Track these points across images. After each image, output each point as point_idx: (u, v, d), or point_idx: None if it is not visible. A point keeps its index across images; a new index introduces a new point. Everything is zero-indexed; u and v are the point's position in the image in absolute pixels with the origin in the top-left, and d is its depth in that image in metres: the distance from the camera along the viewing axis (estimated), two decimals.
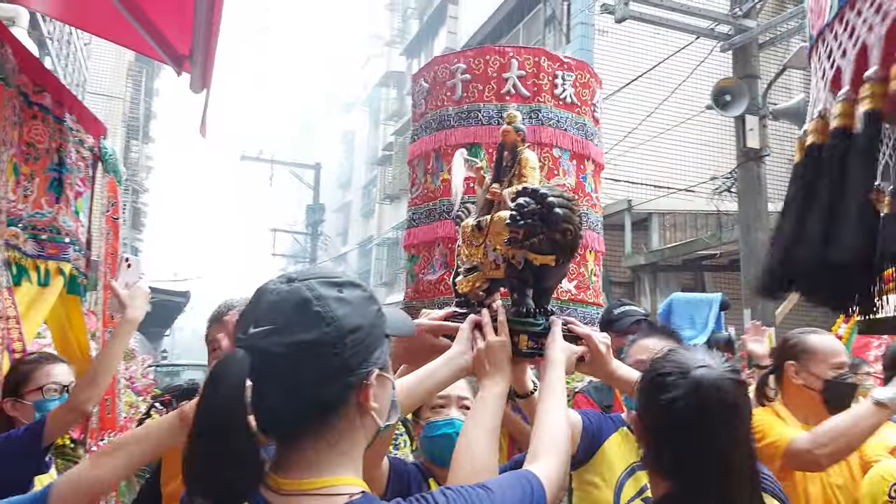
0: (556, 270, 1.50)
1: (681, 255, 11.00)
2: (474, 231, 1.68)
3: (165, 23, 2.81)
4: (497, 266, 1.60)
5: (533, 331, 1.52)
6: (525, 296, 1.55)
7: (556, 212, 1.40)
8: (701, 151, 12.60)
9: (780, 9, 12.09)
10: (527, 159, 1.66)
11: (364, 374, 1.08)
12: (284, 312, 1.06)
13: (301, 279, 1.11)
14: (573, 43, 13.06)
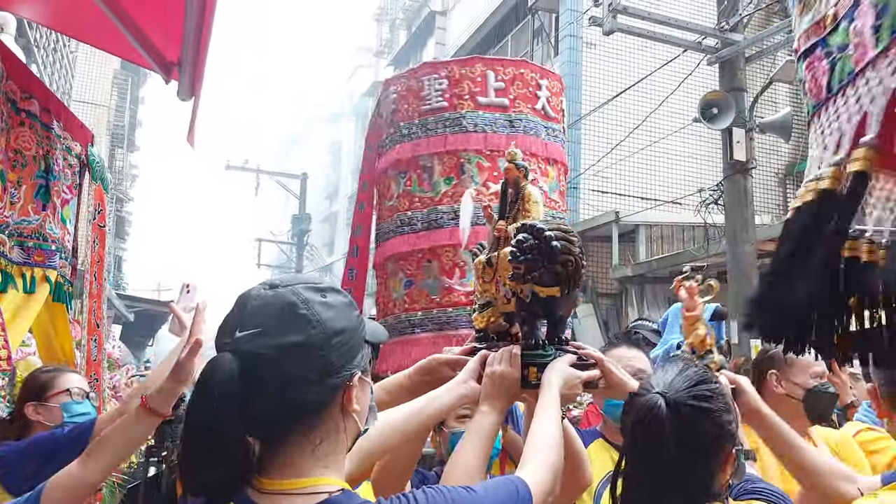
0: (563, 301, 1.54)
1: (668, 266, 11.04)
2: (486, 267, 1.73)
3: (154, 30, 2.79)
4: (508, 300, 1.64)
5: (542, 362, 1.55)
6: (535, 328, 1.58)
7: (553, 245, 1.45)
8: (688, 163, 12.70)
9: (766, 23, 12.24)
10: (529, 194, 1.70)
11: (348, 376, 1.12)
12: (271, 316, 1.09)
13: (284, 285, 1.14)
14: (561, 55, 13.14)
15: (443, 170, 3.51)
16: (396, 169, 3.68)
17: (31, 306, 2.79)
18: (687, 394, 1.43)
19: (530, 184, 1.75)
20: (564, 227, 1.53)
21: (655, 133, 11.63)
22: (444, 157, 3.50)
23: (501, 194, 1.79)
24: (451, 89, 3.54)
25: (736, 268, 8.52)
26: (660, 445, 1.39)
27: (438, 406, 1.53)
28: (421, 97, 3.58)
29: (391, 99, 3.73)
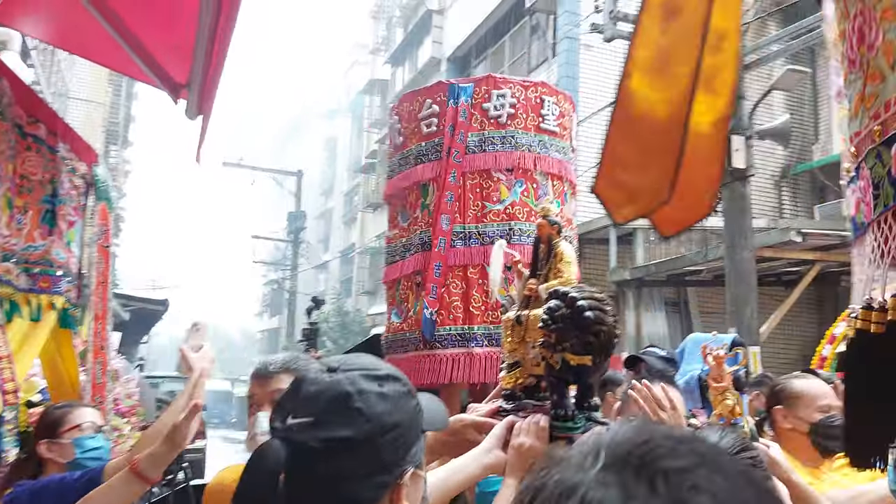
0: (594, 368, 1.49)
1: (665, 270, 11.06)
2: (515, 326, 1.69)
3: (162, 52, 2.77)
4: (538, 364, 1.60)
5: (570, 436, 1.50)
6: (564, 397, 1.54)
7: (586, 315, 1.40)
8: None
9: (763, 31, 12.25)
10: (562, 252, 1.66)
11: (399, 472, 1.06)
12: (324, 405, 1.05)
13: (343, 369, 1.10)
14: (559, 57, 13.13)
15: None
16: None
17: (38, 334, 2.77)
18: None
19: (563, 241, 1.71)
20: (597, 294, 1.48)
21: None
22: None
23: (534, 251, 1.75)
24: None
25: (734, 274, 8.54)
26: None
27: (463, 478, 1.49)
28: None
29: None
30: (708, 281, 11.17)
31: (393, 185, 3.64)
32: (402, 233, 3.57)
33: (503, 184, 3.32)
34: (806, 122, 13.35)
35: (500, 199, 3.31)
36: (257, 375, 2.12)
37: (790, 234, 9.07)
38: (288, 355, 2.12)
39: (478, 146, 3.37)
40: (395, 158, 3.65)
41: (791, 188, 13.50)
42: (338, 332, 22.91)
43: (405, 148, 3.57)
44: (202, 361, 2.39)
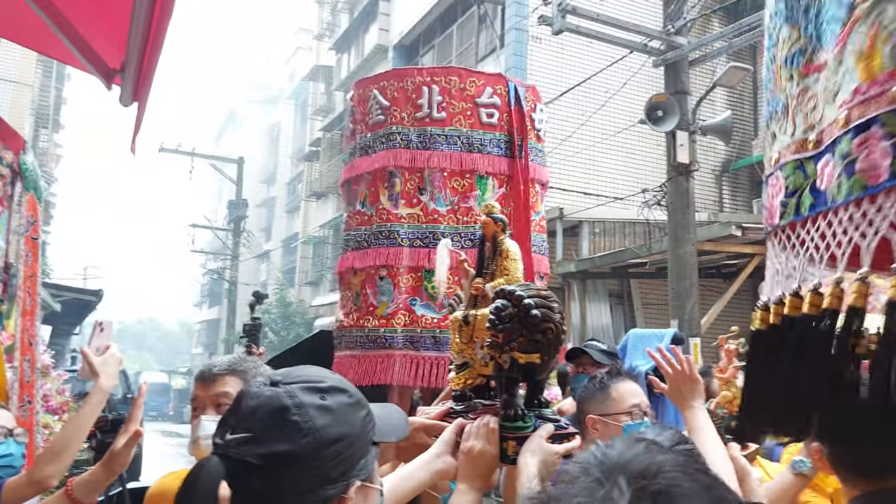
0: (543, 365, 1.48)
1: (609, 263, 11.21)
2: (462, 326, 1.67)
3: (95, 37, 2.61)
4: (486, 364, 1.58)
5: (521, 436, 1.48)
6: (514, 396, 1.52)
7: (533, 314, 1.39)
8: (632, 163, 12.89)
9: (707, 28, 12.48)
10: (508, 250, 1.63)
11: (343, 486, 1.05)
12: (261, 420, 1.04)
13: (285, 382, 1.08)
14: (507, 48, 13.11)
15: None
16: None
17: None
18: None
19: (508, 238, 1.68)
20: (543, 291, 1.47)
21: (601, 131, 11.75)
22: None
23: (479, 249, 1.72)
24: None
25: (677, 267, 8.69)
26: None
27: (412, 485, 1.45)
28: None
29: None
30: (651, 273, 11.36)
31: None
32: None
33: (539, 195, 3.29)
34: (746, 118, 13.70)
35: (536, 210, 3.29)
36: (201, 378, 2.01)
37: (730, 227, 9.27)
38: (233, 357, 2.04)
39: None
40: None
41: (731, 183, 13.85)
42: (280, 324, 22.54)
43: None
44: (106, 366, 2.19)
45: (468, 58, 14.96)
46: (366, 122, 3.40)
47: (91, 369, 2.15)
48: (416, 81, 3.27)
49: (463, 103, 3.25)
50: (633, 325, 11.73)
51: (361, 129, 3.44)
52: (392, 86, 3.32)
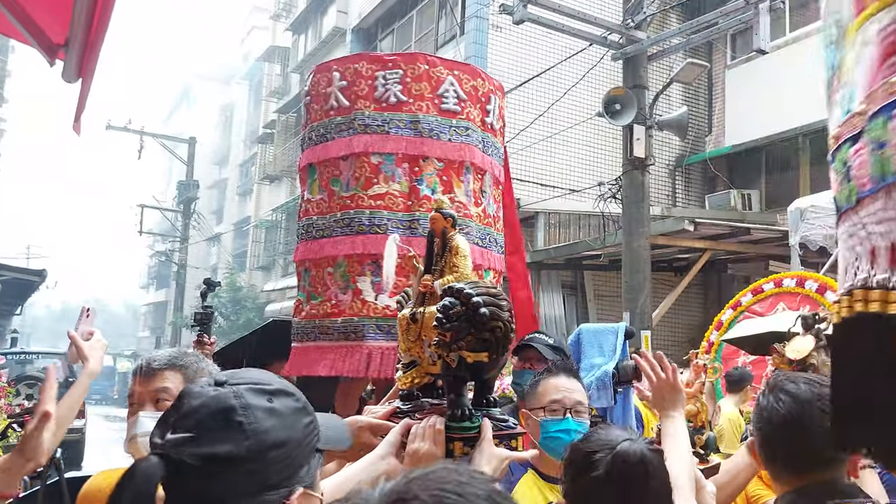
0: (491, 364, 1.46)
1: (564, 255, 11.28)
2: (410, 324, 1.62)
3: (37, 10, 2.46)
4: (434, 362, 1.54)
5: (468, 436, 1.46)
6: (461, 395, 1.48)
7: (481, 312, 1.36)
8: (589, 155, 12.97)
9: (665, 23, 12.60)
10: (457, 247, 1.59)
11: (285, 493, 1.02)
12: (204, 420, 1.00)
13: (231, 383, 1.04)
14: (467, 36, 13.03)
15: None
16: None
17: None
18: (645, 442, 1.56)
19: (458, 234, 1.63)
20: (493, 290, 1.45)
21: (559, 123, 11.78)
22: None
23: (428, 246, 1.67)
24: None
25: (630, 261, 8.79)
26: (646, 491, 1.49)
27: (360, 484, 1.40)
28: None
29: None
30: (604, 266, 11.48)
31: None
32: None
33: None
34: (701, 114, 13.91)
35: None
36: (139, 372, 1.94)
37: (683, 222, 9.41)
38: (174, 351, 1.97)
39: None
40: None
41: (684, 178, 14.06)
42: (230, 308, 22.17)
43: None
44: (93, 350, 2.29)
45: (427, 44, 14.82)
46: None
47: (80, 353, 2.24)
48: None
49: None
50: (585, 316, 11.85)
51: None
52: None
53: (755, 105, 12.31)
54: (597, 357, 3.08)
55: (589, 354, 3.09)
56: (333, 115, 3.25)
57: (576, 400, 2.16)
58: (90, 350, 2.28)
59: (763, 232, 9.68)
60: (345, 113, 3.21)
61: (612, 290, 11.64)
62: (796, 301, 6.01)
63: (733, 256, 10.91)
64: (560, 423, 2.11)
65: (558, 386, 2.19)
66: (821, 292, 5.83)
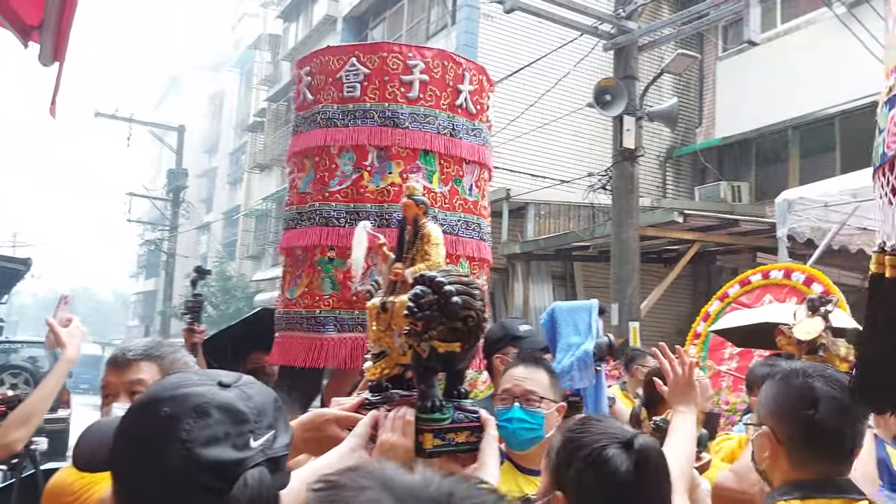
0: (463, 354, 1.43)
1: (554, 245, 11.27)
2: (380, 313, 1.58)
3: None
4: (404, 353, 1.51)
5: (438, 427, 1.43)
6: (432, 386, 1.45)
7: (453, 301, 1.34)
8: (580, 146, 12.94)
9: (657, 14, 12.56)
10: (429, 234, 1.55)
11: None
12: (267, 411, 1.00)
13: None
14: (458, 25, 12.95)
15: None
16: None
17: None
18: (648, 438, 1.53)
19: (430, 222, 1.60)
20: (465, 278, 1.42)
21: (550, 113, 11.73)
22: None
23: (399, 233, 1.64)
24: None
25: (619, 252, 8.78)
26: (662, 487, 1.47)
27: None
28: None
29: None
30: (594, 257, 11.48)
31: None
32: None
33: None
34: (691, 105, 13.89)
35: None
36: (113, 363, 1.90)
37: (673, 214, 9.41)
38: (150, 341, 1.92)
39: None
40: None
41: (674, 169, 14.06)
42: (219, 298, 22.07)
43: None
44: (72, 338, 2.33)
45: (419, 33, 14.74)
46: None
47: (58, 340, 2.28)
48: None
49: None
50: None
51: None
52: None
53: (746, 97, 12.31)
54: (573, 336, 3.03)
55: (565, 334, 3.04)
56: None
57: (526, 389, 2.17)
58: (68, 337, 2.30)
59: (751, 224, 9.69)
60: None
61: (602, 280, 11.64)
62: (783, 293, 6.01)
63: (722, 248, 10.92)
64: (506, 412, 2.14)
65: (513, 375, 2.23)
66: (807, 284, 5.82)
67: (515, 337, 2.87)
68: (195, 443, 0.89)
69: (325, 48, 3.33)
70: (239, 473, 0.90)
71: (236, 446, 0.91)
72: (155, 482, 0.89)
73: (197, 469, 0.88)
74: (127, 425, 0.96)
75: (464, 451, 1.44)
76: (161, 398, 0.94)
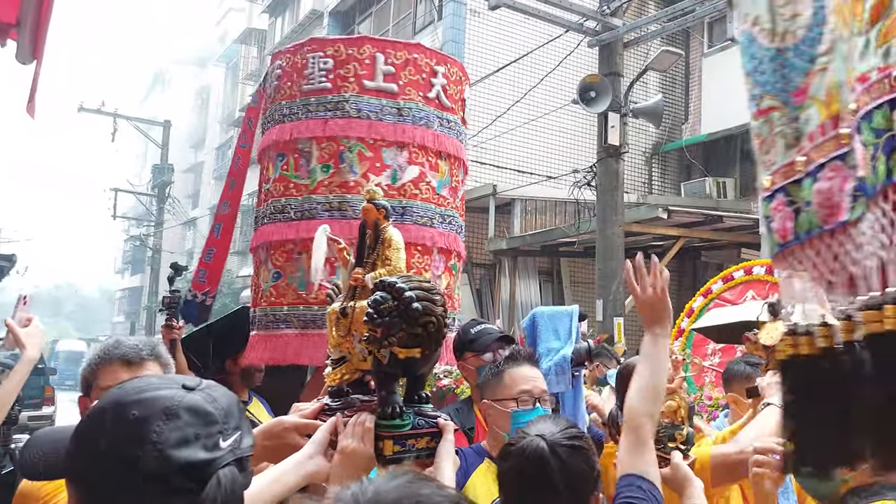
0: (424, 360, 1.43)
1: (540, 241, 11.30)
2: (340, 318, 1.58)
3: None
4: (364, 358, 1.51)
5: (399, 434, 1.42)
6: (392, 392, 1.45)
7: (414, 307, 1.34)
8: (566, 142, 12.97)
9: (643, 10, 12.59)
10: (390, 239, 1.55)
11: None
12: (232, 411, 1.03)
13: None
14: (444, 20, 12.93)
15: (321, 156, 3.24)
16: (275, 150, 3.38)
17: None
18: (562, 435, 1.59)
19: (392, 226, 1.59)
20: (425, 284, 1.42)
21: (536, 109, 11.75)
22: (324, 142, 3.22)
23: (360, 238, 1.63)
24: (335, 69, 3.25)
25: (604, 248, 8.81)
26: (550, 486, 1.51)
27: (281, 489, 1.35)
28: (304, 75, 3.27)
29: (275, 74, 3.40)
30: (579, 252, 11.52)
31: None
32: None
33: None
34: (677, 102, 13.96)
35: None
36: (124, 359, 1.85)
37: (657, 210, 9.45)
38: (147, 339, 1.94)
39: None
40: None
41: (660, 165, 14.13)
42: None
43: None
44: (31, 337, 2.30)
45: (405, 28, 14.70)
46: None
47: (17, 341, 2.26)
48: None
49: None
50: (561, 302, 11.89)
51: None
52: None
53: (731, 93, 12.30)
54: (553, 341, 3.07)
55: (545, 339, 3.08)
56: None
57: (542, 388, 2.18)
58: (27, 337, 2.28)
59: (735, 220, 9.76)
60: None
61: (588, 276, 11.69)
62: (765, 289, 6.06)
63: (707, 244, 10.99)
64: (532, 412, 2.10)
65: (526, 376, 2.19)
66: None
67: (468, 341, 2.88)
68: (166, 444, 0.90)
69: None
70: (210, 474, 0.91)
71: (207, 447, 0.92)
72: (127, 485, 0.89)
73: (169, 470, 0.89)
74: (90, 430, 0.96)
75: (423, 457, 1.43)
76: (127, 402, 0.95)
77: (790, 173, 0.86)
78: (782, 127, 0.86)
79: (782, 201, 0.87)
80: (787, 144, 0.86)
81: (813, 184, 0.81)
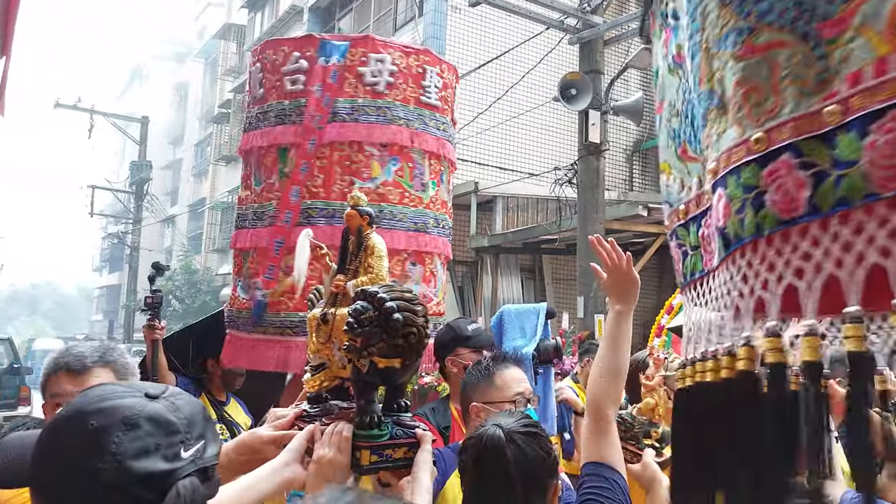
0: (404, 370, 1.41)
1: (522, 239, 11.31)
2: (320, 325, 1.55)
3: None
4: (344, 366, 1.49)
5: (376, 444, 1.40)
6: (371, 402, 1.43)
7: (395, 318, 1.32)
8: (547, 139, 12.97)
9: (624, 8, 12.62)
10: (373, 246, 1.53)
11: None
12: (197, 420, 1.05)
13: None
14: (425, 17, 12.87)
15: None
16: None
17: None
18: (517, 424, 1.62)
19: (375, 233, 1.57)
20: (407, 293, 1.40)
21: (517, 106, 11.74)
22: None
23: (342, 244, 1.60)
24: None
25: (585, 245, 8.82)
26: (505, 476, 1.53)
27: (255, 496, 1.33)
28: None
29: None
30: (561, 250, 11.54)
31: (249, 141, 3.26)
32: (256, 197, 3.24)
33: (375, 160, 3.04)
34: None
35: (372, 177, 3.02)
36: (67, 369, 1.83)
37: (637, 207, 9.49)
38: (99, 345, 1.89)
39: (349, 114, 3.04)
40: (253, 111, 3.25)
41: (641, 162, 14.18)
42: (185, 291, 21.76)
43: (265, 102, 3.20)
44: None
45: (386, 24, 14.62)
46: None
47: None
48: None
49: (275, 76, 3.17)
50: (543, 300, 11.91)
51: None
52: None
53: None
54: (518, 339, 3.05)
55: (511, 336, 3.06)
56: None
57: (531, 390, 2.21)
58: None
59: None
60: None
61: (570, 273, 11.72)
62: None
63: None
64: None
65: (517, 378, 2.20)
66: None
67: (464, 338, 2.86)
68: (125, 455, 0.90)
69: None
70: (171, 484, 0.92)
71: (167, 457, 0.93)
72: (88, 495, 0.89)
73: (128, 481, 0.89)
74: (51, 439, 0.95)
75: (400, 467, 1.41)
76: (87, 411, 0.94)
77: (811, 125, 0.69)
78: (796, 68, 0.71)
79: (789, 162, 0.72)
80: (805, 91, 0.70)
81: (860, 139, 0.65)
